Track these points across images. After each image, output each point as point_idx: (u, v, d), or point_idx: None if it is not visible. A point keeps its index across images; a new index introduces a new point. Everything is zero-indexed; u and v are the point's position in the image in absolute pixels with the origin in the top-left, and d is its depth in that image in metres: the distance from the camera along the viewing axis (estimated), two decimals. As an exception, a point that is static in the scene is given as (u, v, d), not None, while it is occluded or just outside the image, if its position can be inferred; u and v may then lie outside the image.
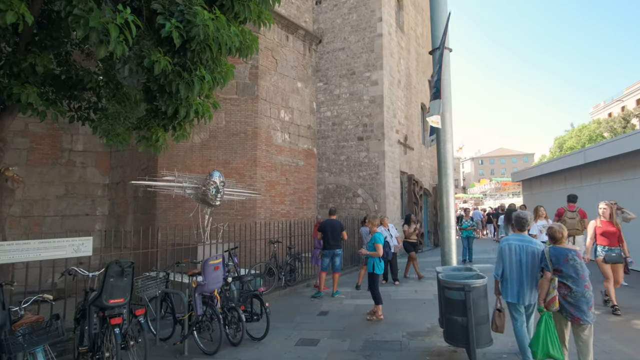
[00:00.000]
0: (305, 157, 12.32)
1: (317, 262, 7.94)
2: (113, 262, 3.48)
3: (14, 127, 10.69)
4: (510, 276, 3.77)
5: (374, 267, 5.88)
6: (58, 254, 4.32)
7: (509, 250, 3.85)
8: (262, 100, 10.89)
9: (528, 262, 3.73)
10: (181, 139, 5.38)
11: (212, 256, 4.27)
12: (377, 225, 5.96)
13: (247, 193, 9.00)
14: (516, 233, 4.08)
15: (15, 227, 10.50)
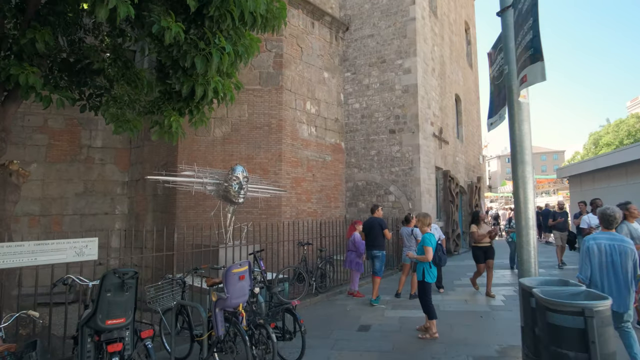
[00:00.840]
0: (332, 152, 11.52)
1: (351, 265, 7.13)
2: (110, 272, 2.78)
3: (33, 122, 10.35)
4: (602, 280, 3.49)
5: (424, 274, 5.02)
6: (57, 258, 3.69)
7: (597, 250, 3.54)
8: (287, 90, 10.16)
9: (622, 264, 3.45)
10: (199, 125, 4.69)
11: (235, 263, 3.54)
12: (429, 224, 5.08)
13: (272, 190, 8.28)
14: (603, 231, 3.71)
15: (35, 226, 10.16)
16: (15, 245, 3.49)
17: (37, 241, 3.58)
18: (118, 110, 4.42)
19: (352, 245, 7.15)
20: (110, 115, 4.37)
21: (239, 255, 5.83)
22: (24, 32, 4.44)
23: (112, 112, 4.35)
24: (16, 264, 3.46)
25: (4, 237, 5.31)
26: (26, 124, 10.27)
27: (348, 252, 7.24)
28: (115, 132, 4.47)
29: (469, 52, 17.95)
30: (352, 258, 7.11)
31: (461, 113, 15.51)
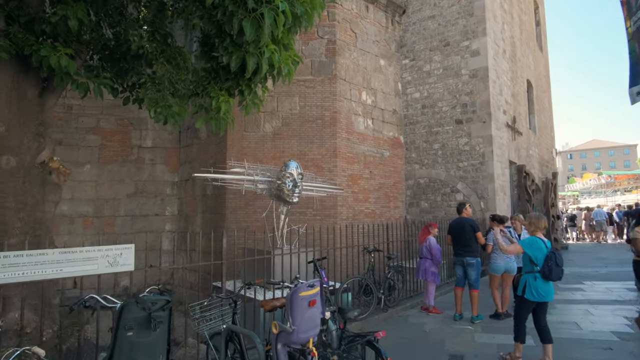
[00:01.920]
0: (390, 147, 10.48)
1: (426, 275, 6.08)
2: (131, 301, 2.04)
3: (87, 124, 10.30)
4: None
5: (525, 288, 3.93)
6: (86, 269, 3.05)
7: None
8: (341, 80, 9.28)
9: None
10: (250, 111, 3.92)
11: (303, 284, 2.67)
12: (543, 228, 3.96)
13: (328, 188, 7.44)
14: None
15: (89, 227, 10.09)
16: (37, 254, 2.89)
17: (63, 249, 2.96)
18: (158, 93, 3.75)
19: (426, 252, 6.12)
20: (149, 100, 3.72)
21: (297, 264, 5.01)
22: (56, 10, 3.93)
23: (152, 96, 3.69)
24: (37, 277, 2.86)
25: (45, 241, 4.86)
26: (80, 125, 10.24)
27: (421, 259, 6.21)
28: (156, 119, 3.81)
29: (539, 33, 16.08)
30: (427, 267, 6.07)
31: (533, 101, 13.80)
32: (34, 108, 4.60)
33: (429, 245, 6.11)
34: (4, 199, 4.36)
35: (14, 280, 2.72)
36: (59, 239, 10.00)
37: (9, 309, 4.42)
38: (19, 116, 4.42)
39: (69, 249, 2.96)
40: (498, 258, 5.57)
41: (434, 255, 6.04)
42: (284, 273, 4.82)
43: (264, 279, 4.06)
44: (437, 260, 6.06)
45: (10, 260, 2.74)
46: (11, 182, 4.37)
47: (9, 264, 2.73)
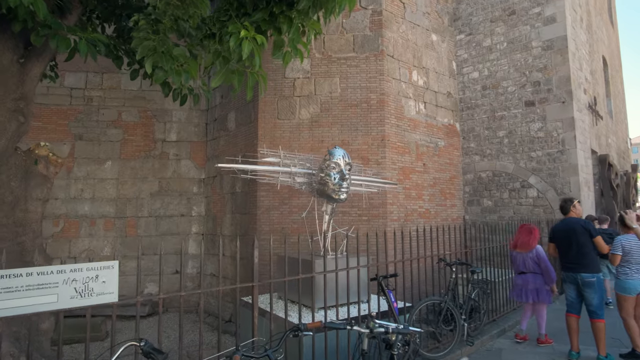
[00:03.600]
0: (445, 136, 9.00)
1: (537, 296, 4.61)
2: None
3: (107, 117, 9.48)
4: None
5: None
6: (37, 302, 1.89)
7: None
8: (389, 57, 7.92)
9: None
10: (289, 61, 2.67)
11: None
12: None
13: (381, 183, 6.11)
14: None
15: (110, 229, 9.26)
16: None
17: None
18: (156, 36, 2.53)
19: (533, 265, 4.66)
20: (144, 49, 2.53)
21: (356, 282, 3.71)
22: None
23: (148, 44, 2.50)
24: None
25: (32, 249, 3.82)
26: (100, 119, 9.42)
27: (524, 275, 4.73)
28: (156, 78, 2.62)
29: (610, 6, 14.01)
30: (539, 285, 4.62)
31: (609, 81, 11.86)
32: (11, 77, 3.54)
33: (537, 256, 4.65)
34: (-29, 195, 3.33)
35: None
36: (79, 243, 9.25)
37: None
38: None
39: (7, 271, 1.81)
40: (632, 272, 4.03)
41: (547, 270, 4.59)
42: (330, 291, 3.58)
43: (320, 318, 2.79)
44: (552, 277, 4.60)
45: None
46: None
47: None
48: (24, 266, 3.63)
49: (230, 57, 2.43)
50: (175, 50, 2.48)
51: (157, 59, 2.42)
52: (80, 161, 9.14)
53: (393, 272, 3.98)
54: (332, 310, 4.31)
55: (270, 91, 7.77)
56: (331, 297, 3.96)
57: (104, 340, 7.15)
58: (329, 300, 3.93)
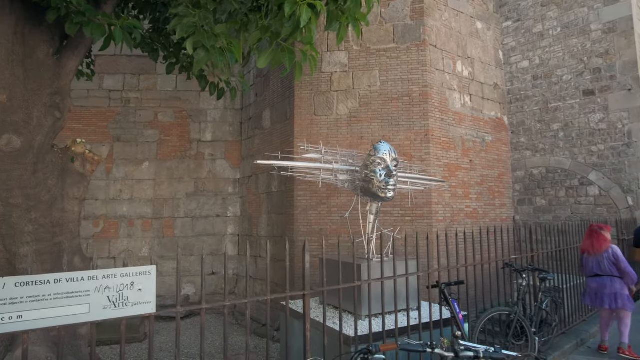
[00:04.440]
0: (493, 130, 8.39)
1: (617, 302, 4.07)
2: None
3: (144, 118, 9.52)
4: None
5: None
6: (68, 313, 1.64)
7: None
8: (432, 47, 7.44)
9: None
10: (344, 35, 2.33)
11: None
12: None
13: (428, 180, 5.68)
14: None
15: (147, 230, 9.29)
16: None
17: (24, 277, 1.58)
18: (197, 12, 2.22)
19: (609, 266, 4.12)
20: (183, 27, 2.24)
21: (405, 289, 3.32)
22: None
23: (188, 21, 2.23)
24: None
25: (69, 251, 3.68)
26: (137, 120, 9.48)
27: (599, 278, 4.19)
28: (198, 60, 2.31)
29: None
30: (619, 289, 4.08)
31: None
32: (47, 71, 3.41)
33: (613, 257, 4.11)
34: (8, 193, 3.20)
35: None
36: (118, 243, 9.33)
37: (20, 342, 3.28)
38: (26, 81, 3.25)
39: (34, 277, 1.58)
40: None
41: (626, 273, 4.04)
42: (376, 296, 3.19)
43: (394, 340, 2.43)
44: (633, 277, 4.05)
45: None
46: (16, 171, 3.19)
47: None
48: (61, 268, 3.48)
49: (281, 31, 2.13)
50: (218, 28, 2.21)
51: (199, 38, 2.15)
52: (118, 162, 9.22)
53: (456, 279, 3.55)
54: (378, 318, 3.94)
55: (306, 86, 7.48)
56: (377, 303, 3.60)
57: (142, 341, 7.09)
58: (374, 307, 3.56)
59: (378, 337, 3.08)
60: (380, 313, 3.39)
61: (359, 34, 2.36)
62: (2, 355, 3.29)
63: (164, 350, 6.58)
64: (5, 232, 3.25)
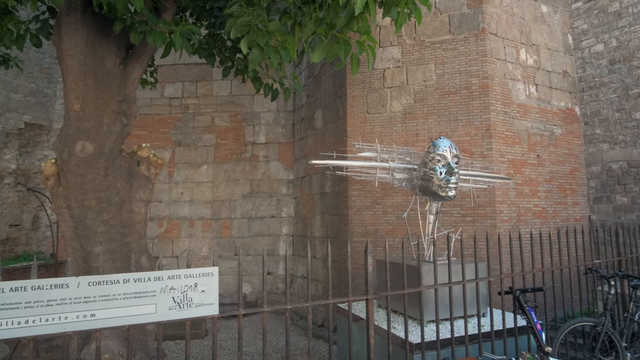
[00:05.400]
0: (563, 122, 7.71)
1: None
2: None
3: (202, 123, 9.93)
4: None
5: None
6: (135, 313, 1.67)
7: None
8: (491, 35, 6.99)
9: None
10: (403, 21, 2.18)
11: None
12: None
13: (491, 178, 5.32)
14: None
15: (207, 230, 9.67)
16: (49, 285, 1.60)
17: (95, 277, 1.64)
18: (251, 11, 2.20)
19: None
20: (238, 27, 2.23)
21: (470, 294, 3.09)
22: None
23: (242, 20, 2.22)
24: (43, 328, 1.56)
25: (136, 250, 3.86)
26: (196, 125, 9.91)
27: None
28: (253, 60, 2.27)
29: None
30: None
31: None
32: (115, 80, 3.60)
33: None
34: (83, 196, 3.41)
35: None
36: (180, 243, 9.80)
37: (94, 336, 3.47)
38: (97, 90, 3.45)
39: (105, 277, 1.62)
40: None
41: None
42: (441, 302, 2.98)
43: None
44: None
45: (4, 297, 1.49)
46: (89, 175, 3.39)
47: (3, 304, 1.48)
48: (130, 267, 3.65)
49: (336, 23, 2.04)
50: (272, 25, 2.18)
51: (253, 36, 2.13)
52: (179, 166, 9.69)
53: (532, 286, 3.24)
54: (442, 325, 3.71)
55: (358, 84, 7.35)
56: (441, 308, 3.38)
57: (203, 338, 7.35)
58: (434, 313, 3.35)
59: (444, 344, 2.89)
60: (445, 319, 3.19)
61: (420, 19, 2.20)
62: (80, 348, 3.49)
63: (223, 347, 6.77)
64: (81, 233, 3.47)
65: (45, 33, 3.78)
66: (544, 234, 5.60)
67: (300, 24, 2.24)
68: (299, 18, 2.14)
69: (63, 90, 3.44)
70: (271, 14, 2.46)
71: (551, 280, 3.88)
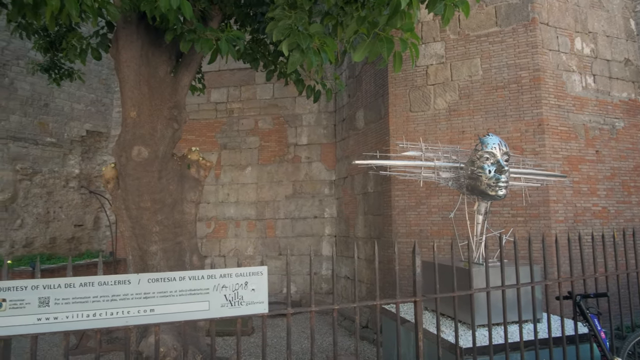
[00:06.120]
0: (625, 114, 7.14)
1: None
2: None
3: (246, 126, 10.22)
4: None
5: None
6: (190, 310, 1.75)
7: None
8: (543, 25, 6.61)
9: None
10: (451, 15, 2.13)
11: None
12: None
13: (544, 176, 5.04)
14: None
15: (252, 230, 9.93)
16: (114, 281, 1.72)
17: (154, 274, 1.74)
18: (293, 13, 2.24)
19: None
20: (279, 30, 2.28)
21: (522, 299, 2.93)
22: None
23: (283, 23, 2.26)
24: (109, 321, 1.68)
25: (187, 250, 4.04)
26: (240, 128, 10.22)
27: None
28: (293, 62, 2.30)
29: None
30: None
31: None
32: (167, 88, 3.79)
33: None
34: (139, 198, 3.62)
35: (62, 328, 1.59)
36: (227, 243, 10.14)
37: (151, 330, 3.68)
38: (151, 98, 3.65)
39: (163, 274, 1.72)
40: None
41: None
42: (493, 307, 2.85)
43: None
44: None
45: (74, 291, 1.62)
46: (145, 178, 3.59)
47: (73, 297, 1.61)
48: (183, 266, 3.83)
49: (379, 20, 2.02)
50: (312, 27, 2.20)
51: (294, 39, 2.16)
52: (225, 168, 10.04)
53: (595, 291, 3.03)
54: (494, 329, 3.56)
55: (400, 83, 7.24)
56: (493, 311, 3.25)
57: (250, 335, 7.55)
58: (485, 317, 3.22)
59: (497, 349, 2.77)
60: (497, 324, 3.06)
61: (467, 13, 2.14)
62: (138, 341, 3.71)
63: (269, 345, 6.92)
64: (138, 232, 3.69)
65: (104, 46, 4.06)
66: (606, 235, 5.20)
67: (341, 24, 2.25)
68: (341, 18, 2.15)
69: (120, 99, 3.68)
70: (313, 16, 2.49)
71: (615, 285, 3.60)
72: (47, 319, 1.62)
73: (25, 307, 1.62)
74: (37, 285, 1.63)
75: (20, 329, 1.63)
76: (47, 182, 9.79)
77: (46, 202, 9.74)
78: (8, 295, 1.60)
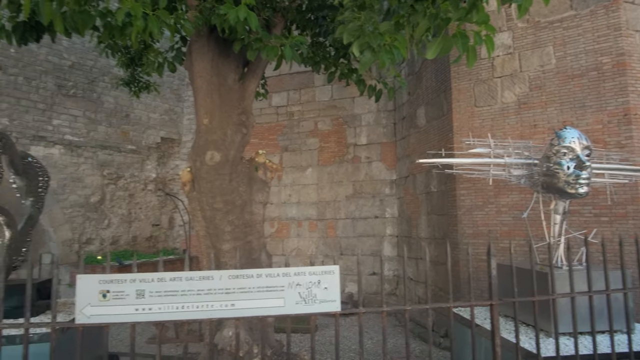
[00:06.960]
0: None
1: None
2: None
3: (306, 128, 10.43)
4: None
5: None
6: (267, 306, 1.85)
7: None
8: (627, 4, 5.98)
9: None
10: (529, 4, 2.01)
11: None
12: None
13: (632, 171, 4.57)
14: None
15: (313, 230, 10.12)
16: (199, 277, 1.86)
17: (234, 271, 1.86)
18: (363, 14, 2.24)
19: None
20: (350, 32, 2.28)
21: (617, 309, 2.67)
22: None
23: (353, 25, 2.27)
24: (194, 313, 1.82)
25: (258, 251, 4.23)
26: (301, 130, 10.46)
27: None
28: (364, 63, 2.28)
29: None
30: None
31: None
32: (235, 95, 4.01)
33: None
34: (212, 199, 3.86)
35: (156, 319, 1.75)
36: (289, 242, 10.41)
37: (225, 324, 3.91)
38: (221, 105, 3.88)
39: (242, 271, 1.84)
40: None
41: None
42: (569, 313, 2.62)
43: None
44: None
45: (165, 285, 1.79)
46: (217, 181, 3.83)
47: (164, 290, 1.78)
48: (253, 264, 4.02)
49: (452, 16, 1.97)
50: (382, 26, 2.20)
51: (365, 39, 2.17)
52: (287, 170, 10.33)
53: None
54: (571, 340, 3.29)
55: (463, 77, 6.95)
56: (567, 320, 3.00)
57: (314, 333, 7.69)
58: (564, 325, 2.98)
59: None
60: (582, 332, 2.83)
61: (547, 1, 2.00)
62: (213, 334, 3.95)
63: (332, 343, 7.00)
64: (211, 232, 3.93)
65: (179, 60, 4.39)
66: None
67: (409, 22, 2.23)
68: (410, 17, 2.13)
69: (194, 107, 3.96)
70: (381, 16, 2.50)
71: None
72: (143, 309, 1.82)
73: (125, 298, 1.83)
74: (135, 279, 1.84)
75: (121, 317, 1.85)
76: (129, 185, 10.77)
77: (128, 203, 10.72)
78: (112, 287, 1.82)
